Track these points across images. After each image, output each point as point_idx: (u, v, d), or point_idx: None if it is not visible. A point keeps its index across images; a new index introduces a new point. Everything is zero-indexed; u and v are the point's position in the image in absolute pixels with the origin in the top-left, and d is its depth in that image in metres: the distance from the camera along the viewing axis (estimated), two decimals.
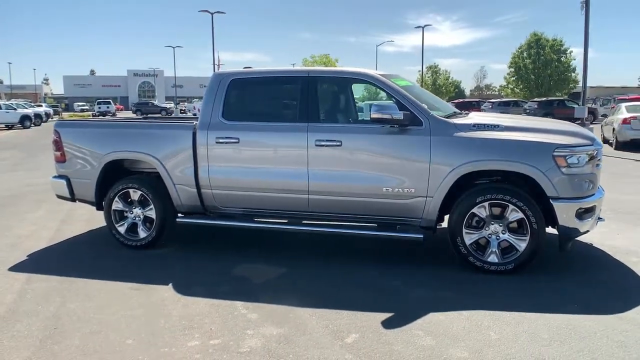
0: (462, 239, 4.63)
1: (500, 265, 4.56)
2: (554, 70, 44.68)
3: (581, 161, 4.45)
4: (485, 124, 4.69)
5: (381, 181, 4.80)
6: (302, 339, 3.44)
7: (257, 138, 5.16)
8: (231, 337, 3.49)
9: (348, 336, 3.47)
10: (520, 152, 4.45)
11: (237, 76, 5.38)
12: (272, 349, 3.32)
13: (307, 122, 4.99)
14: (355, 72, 5.18)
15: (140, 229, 5.60)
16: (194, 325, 3.71)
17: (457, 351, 3.24)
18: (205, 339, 3.48)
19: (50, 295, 4.34)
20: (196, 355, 3.27)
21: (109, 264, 5.15)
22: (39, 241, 6.03)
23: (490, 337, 3.42)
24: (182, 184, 5.40)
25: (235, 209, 5.40)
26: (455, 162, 4.56)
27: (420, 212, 4.76)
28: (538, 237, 4.45)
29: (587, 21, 15.93)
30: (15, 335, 3.59)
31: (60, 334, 3.60)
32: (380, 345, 3.33)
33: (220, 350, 3.32)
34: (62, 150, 5.85)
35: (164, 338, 3.51)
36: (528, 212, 4.43)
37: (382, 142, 4.80)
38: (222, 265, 5.03)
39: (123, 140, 5.62)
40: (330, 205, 5.03)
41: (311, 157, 4.95)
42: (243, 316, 3.85)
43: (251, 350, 3.30)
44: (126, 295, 4.33)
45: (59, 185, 5.95)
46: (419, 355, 3.20)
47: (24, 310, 4.01)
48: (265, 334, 3.54)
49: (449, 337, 3.43)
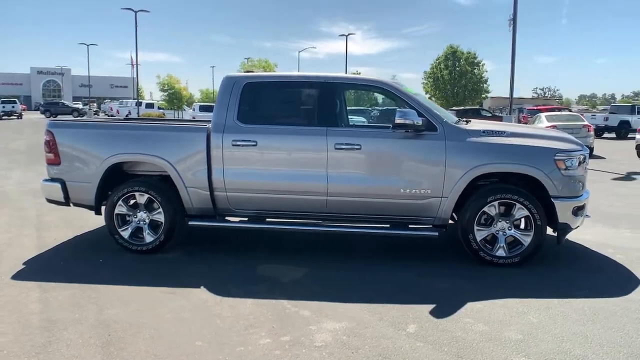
0: (473, 235, 5.05)
1: (508, 258, 5.04)
2: (468, 81, 48.00)
3: (575, 164, 5.05)
4: (492, 130, 5.16)
5: (399, 183, 5.10)
6: (367, 332, 3.64)
7: (276, 141, 5.26)
8: (298, 333, 3.61)
9: (407, 327, 3.72)
10: (527, 156, 4.97)
11: (251, 80, 5.44)
12: (345, 341, 3.48)
13: (326, 127, 5.18)
14: (373, 80, 5.45)
15: (147, 233, 5.46)
16: (254, 324, 3.76)
17: (511, 334, 3.60)
18: (274, 336, 3.57)
19: (80, 302, 4.16)
20: (275, 351, 3.35)
21: (122, 269, 4.98)
22: (25, 249, 5.65)
23: (531, 320, 3.83)
24: (194, 186, 5.35)
25: (249, 211, 5.44)
26: (469, 165, 4.98)
27: (435, 212, 5.12)
28: (541, 232, 4.98)
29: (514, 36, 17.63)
30: (70, 344, 3.45)
31: (120, 340, 3.51)
32: (442, 333, 3.61)
33: (296, 345, 3.43)
34: (56, 152, 5.55)
35: (232, 338, 3.55)
36: (533, 210, 4.94)
37: (399, 146, 5.11)
38: (242, 267, 5.06)
39: (129, 142, 5.44)
40: (348, 206, 5.25)
41: (330, 160, 5.14)
42: (295, 313, 3.96)
43: (326, 344, 3.44)
44: (162, 298, 4.26)
45: (52, 189, 5.63)
46: (480, 338, 3.52)
47: (62, 319, 3.83)
48: (329, 328, 3.69)
49: (497, 322, 3.79)
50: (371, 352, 3.34)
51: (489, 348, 3.39)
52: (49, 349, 3.38)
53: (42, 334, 3.58)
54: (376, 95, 9.14)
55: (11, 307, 4.07)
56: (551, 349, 3.38)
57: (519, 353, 3.33)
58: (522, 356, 3.29)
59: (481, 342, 3.47)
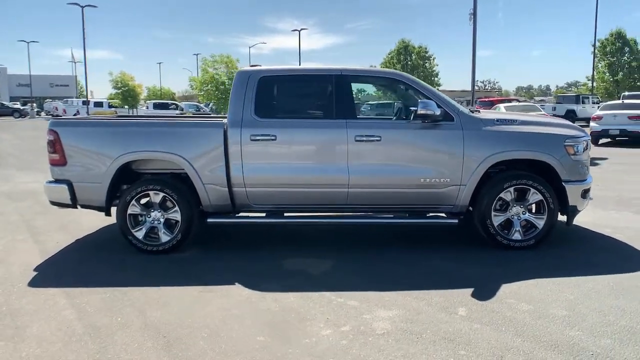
0: (491, 220, 5.24)
1: (524, 241, 5.27)
2: (420, 75, 49.13)
3: (581, 149, 5.34)
4: (505, 119, 5.37)
5: (419, 172, 5.21)
6: (422, 317, 3.72)
7: (296, 135, 5.24)
8: (356, 323, 3.64)
9: (457, 310, 3.83)
10: (540, 143, 5.20)
11: (266, 73, 5.39)
12: (405, 328, 3.55)
13: (345, 119, 5.21)
14: (389, 72, 5.53)
15: (162, 233, 5.31)
16: (306, 317, 3.76)
17: (555, 310, 3.79)
18: (333, 327, 3.58)
19: (114, 306, 4.01)
20: (342, 341, 3.37)
21: (142, 270, 4.83)
22: (28, 255, 5.37)
23: (568, 297, 4.04)
24: (212, 183, 5.24)
25: (268, 206, 5.40)
26: (486, 153, 5.15)
27: (454, 200, 5.27)
28: (554, 215, 5.23)
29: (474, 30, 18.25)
30: (127, 348, 3.33)
31: (178, 341, 3.42)
32: (493, 314, 3.75)
33: (359, 335, 3.46)
34: (62, 152, 5.29)
35: (292, 331, 3.53)
36: (546, 194, 5.19)
37: (419, 137, 5.22)
38: (267, 262, 5.02)
39: (142, 139, 5.26)
40: (369, 198, 5.31)
41: (351, 152, 5.18)
42: (344, 304, 3.99)
43: (388, 332, 3.50)
44: (202, 297, 4.18)
45: (57, 190, 5.36)
46: (530, 317, 3.68)
47: (105, 324, 3.68)
48: (384, 317, 3.74)
49: (538, 301, 3.97)
50: (435, 336, 3.42)
51: (542, 325, 3.56)
52: (107, 354, 3.25)
53: (93, 341, 3.44)
54: (371, 88, 9.24)
55: (44, 315, 3.87)
56: (598, 322, 3.59)
57: (572, 327, 3.51)
58: (576, 330, 3.47)
59: (532, 320, 3.64)
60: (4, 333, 3.57)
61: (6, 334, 3.56)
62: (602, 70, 40.33)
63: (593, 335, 3.40)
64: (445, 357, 3.15)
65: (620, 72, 39.90)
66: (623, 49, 40.12)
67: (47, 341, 3.44)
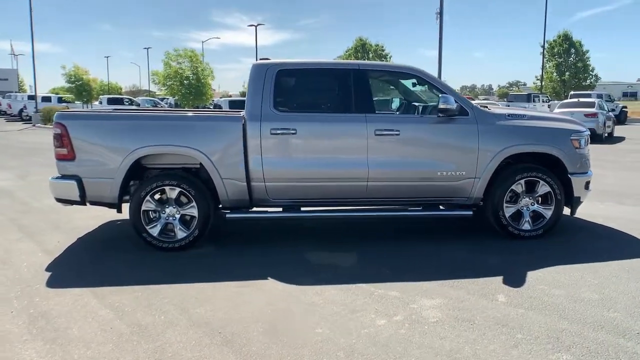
0: (503, 212, 5.44)
1: (533, 231, 5.50)
2: None
3: (584, 143, 5.63)
4: (515, 114, 5.58)
5: (436, 166, 5.33)
6: (466, 305, 3.83)
7: (316, 129, 5.24)
8: (406, 313, 3.70)
9: (497, 297, 3.97)
10: (550, 137, 5.45)
11: (283, 67, 5.35)
12: (456, 315, 3.64)
13: (365, 113, 5.26)
14: (406, 67, 5.61)
15: (178, 229, 5.17)
16: (355, 308, 3.78)
17: (587, 294, 4.00)
18: (385, 317, 3.62)
19: (152, 304, 3.89)
20: (400, 330, 3.42)
21: (162, 268, 4.70)
22: (31, 256, 5.10)
23: (592, 282, 4.26)
24: (230, 177, 5.16)
25: (286, 201, 5.37)
26: (500, 146, 5.34)
27: (469, 192, 5.43)
28: (560, 206, 5.50)
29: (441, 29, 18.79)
30: (185, 346, 3.24)
31: (235, 336, 3.36)
32: (531, 299, 3.91)
33: (413, 323, 3.52)
34: (70, 146, 5.04)
35: (347, 323, 3.54)
36: (554, 186, 5.44)
37: (436, 131, 5.34)
38: (291, 257, 4.99)
39: (158, 133, 5.10)
40: (387, 191, 5.39)
41: (371, 146, 5.23)
42: (385, 295, 4.04)
43: (441, 320, 3.58)
44: (242, 292, 4.12)
45: (65, 187, 5.11)
46: (567, 301, 3.86)
47: (150, 323, 3.56)
48: (429, 305, 3.83)
49: (567, 286, 4.17)
50: (487, 322, 3.54)
51: (580, 308, 3.75)
52: (166, 353, 3.15)
53: (144, 340, 3.32)
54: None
55: (80, 315, 3.69)
56: (630, 303, 3.82)
57: (609, 309, 3.72)
58: (613, 312, 3.68)
59: (569, 304, 3.82)
60: (45, 336, 3.39)
61: (47, 336, 3.38)
62: (550, 70, 42.44)
63: (630, 316, 3.62)
64: (505, 341, 3.26)
65: (566, 72, 42.14)
66: (569, 50, 42.39)
67: (95, 342, 3.30)
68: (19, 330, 3.48)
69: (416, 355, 3.10)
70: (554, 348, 3.17)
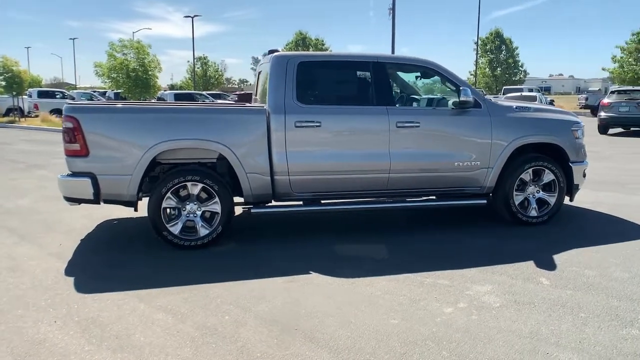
0: (513, 200, 5.70)
1: (539, 217, 5.80)
2: None
3: (581, 134, 6.01)
4: (522, 107, 5.85)
5: (453, 157, 5.49)
6: (517, 289, 3.98)
7: (340, 121, 5.21)
8: (467, 300, 3.79)
9: (540, 280, 4.16)
10: (554, 128, 5.77)
11: (304, 59, 5.27)
12: (514, 299, 3.78)
13: (386, 105, 5.31)
14: (422, 60, 5.69)
15: (200, 226, 4.97)
16: (415, 298, 3.83)
17: (618, 273, 4.29)
18: (449, 305, 3.69)
19: (209, 304, 3.72)
20: (472, 316, 3.50)
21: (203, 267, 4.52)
22: (42, 260, 4.72)
23: (615, 262, 4.57)
24: (255, 172, 5.03)
25: (309, 194, 5.31)
26: (511, 137, 5.58)
27: (482, 181, 5.63)
28: (563, 193, 5.84)
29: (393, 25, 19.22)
30: (267, 343, 3.14)
31: (315, 330, 3.30)
32: (573, 280, 4.14)
33: (480, 309, 3.62)
34: (83, 142, 4.70)
35: (417, 312, 3.58)
36: (558, 174, 5.77)
37: (453, 123, 5.49)
38: (320, 250, 4.95)
39: (181, 126, 4.86)
40: (407, 182, 5.47)
41: (392, 138, 5.29)
42: (435, 283, 4.11)
43: (503, 305, 3.70)
44: (293, 287, 4.05)
45: (77, 185, 4.76)
46: (606, 280, 4.13)
47: (217, 323, 3.42)
48: (484, 291, 3.95)
49: (596, 267, 4.45)
50: (545, 303, 3.71)
51: (621, 286, 4.01)
52: (255, 352, 3.04)
53: (222, 341, 3.19)
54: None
55: (135, 321, 3.47)
56: None
57: None
58: None
59: (608, 282, 4.09)
60: (109, 344, 3.16)
61: (112, 345, 3.15)
62: (483, 66, 44.66)
63: None
64: (572, 321, 3.44)
65: (498, 68, 44.54)
66: (500, 47, 44.81)
67: (170, 347, 3.12)
68: (76, 340, 3.21)
69: (501, 339, 3.20)
70: (619, 324, 3.38)
